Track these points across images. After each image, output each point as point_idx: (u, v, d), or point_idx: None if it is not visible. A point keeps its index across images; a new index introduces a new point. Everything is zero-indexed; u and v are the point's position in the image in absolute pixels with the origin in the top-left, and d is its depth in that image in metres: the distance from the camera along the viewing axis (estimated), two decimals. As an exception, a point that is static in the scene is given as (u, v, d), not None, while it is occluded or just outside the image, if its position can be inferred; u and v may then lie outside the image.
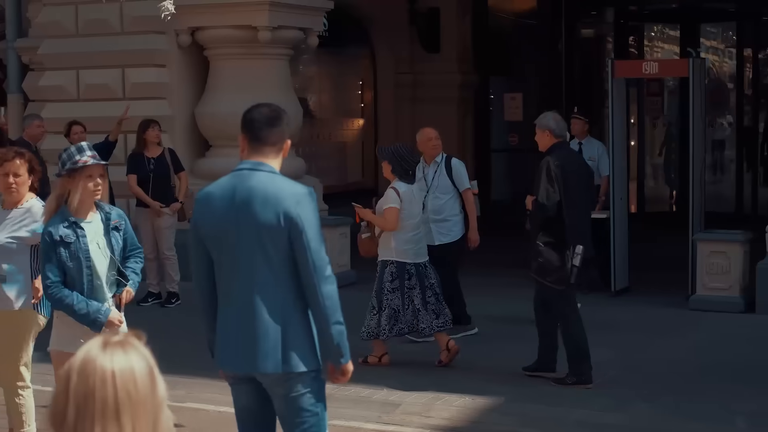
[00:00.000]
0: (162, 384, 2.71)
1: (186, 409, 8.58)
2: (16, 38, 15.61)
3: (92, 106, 14.63)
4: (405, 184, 9.75)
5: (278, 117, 5.20)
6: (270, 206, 4.96)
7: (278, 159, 5.16)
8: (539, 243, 9.05)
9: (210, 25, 14.39)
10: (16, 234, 7.07)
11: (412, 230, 9.77)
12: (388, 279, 9.76)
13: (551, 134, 9.15)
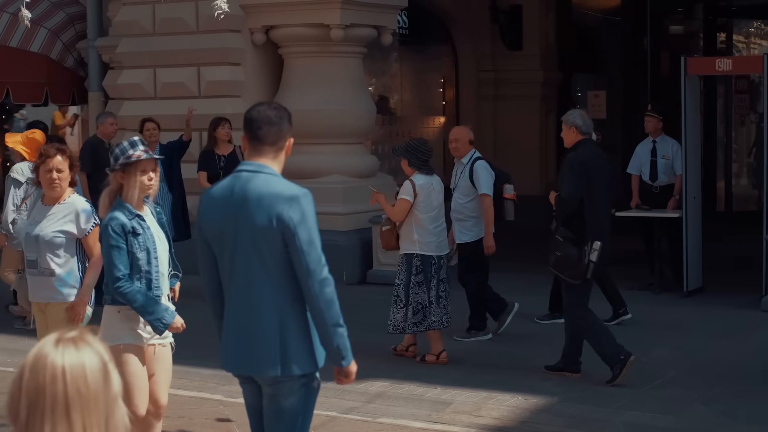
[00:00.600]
0: (117, 380, 2.69)
1: (238, 405, 8.57)
2: (97, 37, 15.84)
3: (168, 104, 14.80)
4: (424, 176, 9.79)
5: (278, 116, 5.12)
6: (264, 208, 4.93)
7: (278, 158, 5.11)
8: (558, 237, 9.15)
9: (283, 24, 14.50)
10: (63, 228, 7.17)
11: (432, 222, 9.81)
12: (412, 272, 9.80)
13: (577, 131, 9.25)
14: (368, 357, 10.15)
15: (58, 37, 16.13)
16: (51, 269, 7.19)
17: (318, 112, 14.39)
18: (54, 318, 7.25)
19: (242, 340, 5.07)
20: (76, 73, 16.35)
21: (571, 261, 9.06)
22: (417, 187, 9.71)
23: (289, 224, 4.88)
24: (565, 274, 9.17)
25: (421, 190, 9.72)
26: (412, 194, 9.69)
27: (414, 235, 9.79)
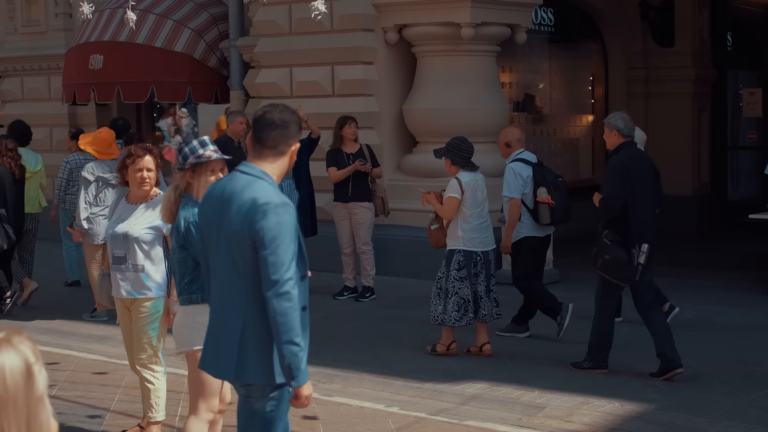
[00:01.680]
0: (42, 382, 2.72)
1: (330, 403, 8.70)
2: (239, 37, 16.14)
3: (304, 102, 14.92)
4: (468, 173, 10.03)
5: (283, 120, 5.03)
6: (240, 214, 4.87)
7: (277, 163, 5.02)
8: (606, 240, 9.19)
9: (415, 23, 14.51)
10: (153, 224, 7.33)
11: (477, 219, 10.02)
12: (455, 267, 9.98)
13: (619, 134, 9.31)
14: (471, 358, 10.15)
15: (201, 37, 16.50)
16: (140, 265, 7.35)
17: (449, 110, 14.37)
18: (139, 313, 7.43)
19: (210, 340, 5.10)
20: (219, 73, 16.68)
21: (621, 264, 9.12)
22: (463, 185, 9.94)
23: (259, 232, 4.79)
24: (615, 276, 9.20)
25: (467, 187, 9.95)
26: (459, 191, 9.92)
27: (458, 231, 10.00)
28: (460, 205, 9.97)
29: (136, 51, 16.34)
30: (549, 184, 10.74)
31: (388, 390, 9.13)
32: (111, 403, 8.68)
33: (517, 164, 10.81)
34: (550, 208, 10.71)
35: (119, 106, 18.14)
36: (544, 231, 10.95)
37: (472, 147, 10.19)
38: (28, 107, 18.96)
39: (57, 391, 8.99)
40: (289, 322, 4.74)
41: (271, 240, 4.76)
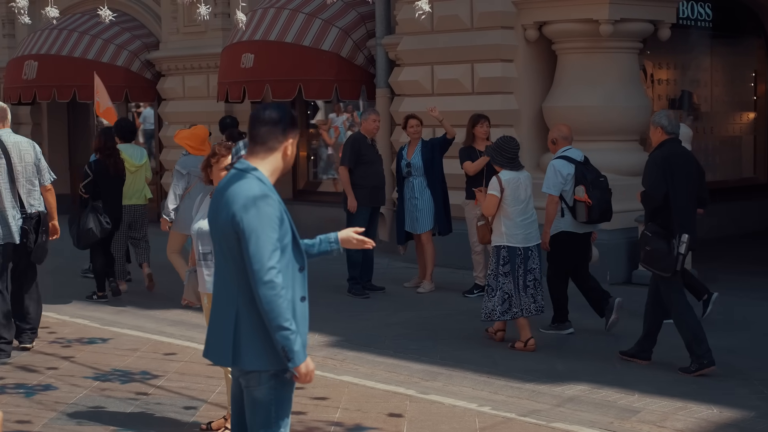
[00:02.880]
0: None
1: (423, 401, 8.73)
2: (384, 35, 16.27)
3: (444, 100, 15.01)
4: (510, 171, 10.35)
5: (273, 117, 5.18)
6: (227, 206, 5.08)
7: (269, 159, 5.18)
8: (647, 232, 9.57)
9: (555, 20, 14.37)
10: None
11: (519, 215, 10.33)
12: (499, 263, 10.36)
13: (663, 131, 9.64)
14: (583, 359, 10.03)
15: (348, 36, 16.70)
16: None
17: (588, 108, 14.20)
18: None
19: (210, 328, 5.31)
20: (366, 71, 16.86)
21: (661, 254, 9.43)
22: (503, 183, 10.26)
23: (240, 224, 5.00)
24: (656, 267, 9.52)
25: (508, 185, 10.26)
26: (498, 189, 10.26)
27: (502, 228, 10.35)
28: (501, 202, 10.27)
29: (285, 50, 16.65)
30: (588, 183, 10.86)
31: (487, 389, 9.11)
32: (210, 395, 8.90)
33: (559, 162, 11.00)
34: (587, 206, 10.84)
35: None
36: (583, 228, 11.06)
37: (516, 147, 10.48)
38: (188, 105, 19.54)
39: (164, 382, 9.27)
40: (275, 309, 4.95)
41: (251, 231, 4.98)
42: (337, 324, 11.70)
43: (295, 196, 18.95)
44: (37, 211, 10.38)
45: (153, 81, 20.34)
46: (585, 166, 11.02)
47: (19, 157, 10.29)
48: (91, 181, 12.86)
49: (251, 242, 4.98)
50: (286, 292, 5.00)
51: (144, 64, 20.24)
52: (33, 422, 8.06)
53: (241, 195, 5.05)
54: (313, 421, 8.13)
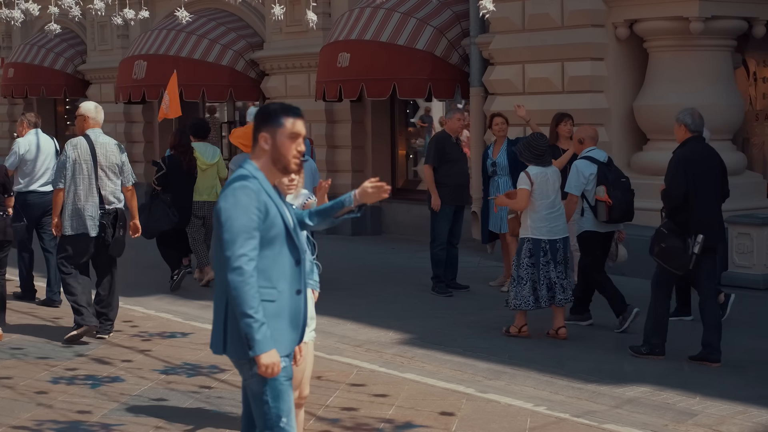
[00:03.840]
0: None
1: (479, 400, 8.75)
2: (479, 34, 16.27)
3: (535, 99, 14.97)
4: (537, 167, 10.70)
5: (258, 113, 5.43)
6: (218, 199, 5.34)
7: (256, 154, 5.39)
8: (663, 229, 9.75)
9: (646, 17, 14.22)
10: None
11: (545, 209, 10.68)
12: (526, 255, 10.72)
13: (686, 129, 9.88)
14: (652, 360, 9.92)
15: (443, 35, 16.75)
16: None
17: (679, 107, 13.94)
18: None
19: (213, 318, 5.44)
20: (461, 69, 16.89)
21: (677, 252, 9.63)
22: (532, 176, 10.62)
23: (218, 214, 5.24)
24: (669, 264, 9.72)
25: (536, 179, 10.63)
26: (528, 183, 10.61)
27: (528, 221, 10.72)
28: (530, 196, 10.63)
29: (380, 49, 16.78)
30: (610, 184, 11.03)
31: (548, 389, 9.09)
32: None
33: (582, 162, 11.25)
34: (607, 206, 11.02)
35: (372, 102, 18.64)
36: (605, 227, 11.25)
37: (544, 144, 10.81)
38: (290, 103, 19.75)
39: (229, 376, 9.44)
40: (241, 295, 5.11)
41: (225, 219, 5.18)
42: (413, 322, 11.76)
43: (393, 194, 19.03)
44: (115, 208, 10.86)
45: (257, 80, 20.64)
46: (608, 167, 11.21)
47: (105, 156, 10.86)
48: (163, 174, 13.42)
49: (225, 229, 5.16)
50: (254, 281, 5.13)
51: (248, 63, 20.56)
52: (93, 413, 8.30)
53: (228, 188, 5.28)
54: (364, 417, 8.21)
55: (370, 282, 14.37)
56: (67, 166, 10.77)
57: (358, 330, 11.52)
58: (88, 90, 25.10)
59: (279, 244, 5.28)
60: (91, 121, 11.07)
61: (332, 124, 19.31)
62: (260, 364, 5.15)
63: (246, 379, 5.37)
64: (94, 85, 24.88)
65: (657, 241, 9.76)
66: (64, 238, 10.87)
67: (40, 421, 8.05)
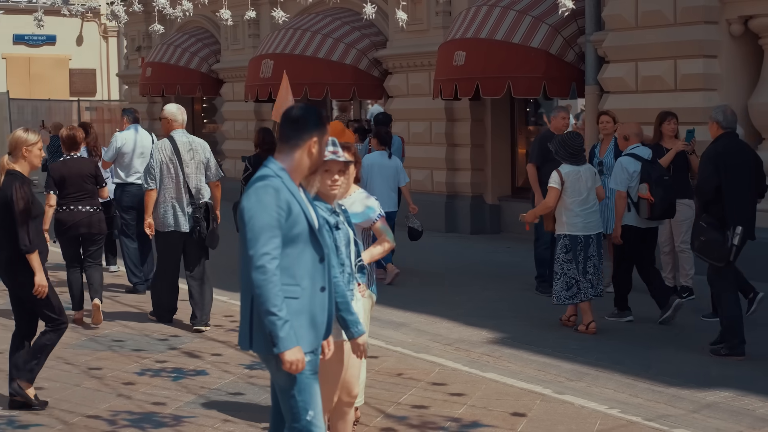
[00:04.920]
0: None
1: (554, 401, 8.69)
2: (594, 31, 16.11)
3: (647, 97, 14.77)
4: (570, 165, 10.99)
5: (297, 117, 5.44)
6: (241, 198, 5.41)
7: (291, 156, 5.41)
8: (702, 223, 10.01)
9: (761, 13, 13.90)
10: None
11: (579, 206, 10.95)
12: (562, 251, 11.04)
13: (718, 126, 10.14)
14: (738, 364, 9.73)
15: (558, 33, 16.62)
16: None
17: (795, 106, 13.68)
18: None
19: (240, 314, 5.52)
20: (576, 68, 16.73)
21: (716, 245, 9.87)
22: (563, 176, 10.91)
23: (241, 212, 5.30)
24: (710, 257, 9.98)
25: (567, 178, 10.91)
26: (558, 182, 10.91)
27: (563, 217, 11.01)
28: (561, 194, 10.90)
29: (495, 47, 16.73)
30: (652, 181, 11.25)
31: (628, 391, 8.99)
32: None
33: (626, 159, 11.51)
34: (649, 203, 11.28)
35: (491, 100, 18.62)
36: (647, 224, 11.48)
37: (579, 143, 11.09)
38: (411, 102, 19.88)
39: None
40: (264, 293, 5.18)
41: (248, 218, 5.25)
42: (509, 321, 11.75)
43: (513, 193, 19.01)
44: (205, 202, 11.32)
45: (380, 78, 20.79)
46: (651, 165, 11.40)
47: (190, 155, 11.32)
48: (250, 174, 13.49)
49: (248, 228, 5.24)
50: (277, 279, 5.20)
51: (371, 62, 20.71)
52: (168, 405, 8.51)
53: (251, 187, 5.33)
54: (432, 416, 8.24)
55: (476, 280, 14.36)
56: (154, 167, 11.28)
57: (452, 328, 11.54)
58: (221, 89, 25.63)
59: (302, 242, 5.36)
60: (174, 123, 11.58)
61: (452, 123, 19.33)
62: (284, 360, 5.24)
63: (273, 374, 5.47)
64: (227, 83, 25.38)
65: (697, 235, 10.05)
66: (158, 235, 11.44)
67: (115, 412, 8.30)
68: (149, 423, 8.02)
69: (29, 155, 8.39)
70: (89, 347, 10.59)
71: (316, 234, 5.40)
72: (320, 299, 5.42)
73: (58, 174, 11.43)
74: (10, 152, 8.43)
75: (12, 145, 8.41)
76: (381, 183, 13.93)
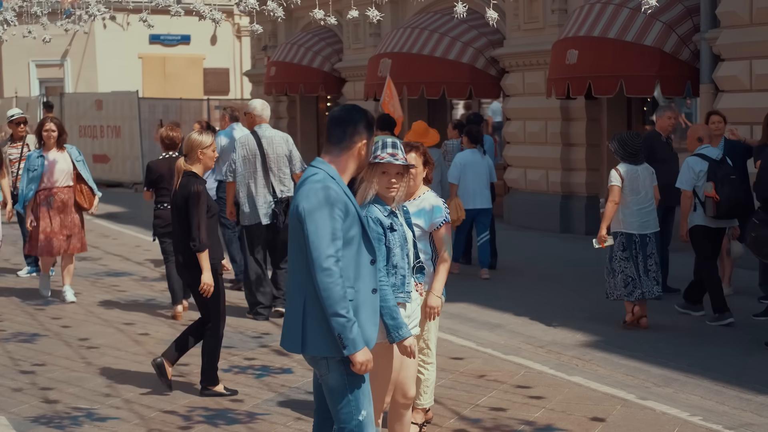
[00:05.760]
0: None
1: (636, 406, 8.55)
2: (709, 29, 15.74)
3: (763, 96, 14.39)
4: (628, 165, 11.19)
5: (348, 118, 5.47)
6: (295, 200, 5.41)
7: (341, 157, 5.45)
8: (755, 220, 10.23)
9: None
10: (415, 222, 7.59)
11: (636, 205, 11.15)
12: (619, 248, 11.22)
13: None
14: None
15: (673, 30, 16.29)
16: None
17: None
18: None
19: (286, 316, 5.54)
20: (692, 66, 16.36)
21: (765, 241, 10.06)
22: (622, 173, 11.12)
23: (301, 213, 5.29)
24: (761, 253, 10.25)
25: (626, 176, 11.12)
26: (619, 179, 11.11)
27: (619, 215, 11.19)
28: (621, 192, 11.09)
29: (607, 45, 16.47)
30: (718, 181, 11.32)
31: (715, 399, 8.77)
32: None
33: (693, 159, 11.62)
34: (714, 202, 11.35)
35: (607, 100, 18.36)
36: (716, 223, 11.54)
37: (638, 143, 11.26)
38: (527, 101, 19.72)
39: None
40: (331, 295, 5.20)
41: (310, 219, 5.25)
42: (608, 324, 11.58)
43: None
44: (287, 196, 11.70)
45: (497, 77, 20.66)
46: (718, 164, 11.47)
47: (272, 149, 11.72)
48: None
49: (310, 231, 5.23)
50: (342, 281, 5.22)
51: (488, 60, 20.59)
52: (245, 402, 8.61)
53: (305, 185, 5.36)
54: (506, 419, 8.17)
55: (584, 282, 14.06)
56: (236, 161, 11.73)
57: (547, 330, 11.42)
58: (343, 87, 25.78)
59: (357, 243, 5.38)
60: (257, 118, 11.96)
61: (567, 122, 19.11)
62: (355, 361, 5.28)
63: (322, 375, 5.46)
64: (349, 82, 25.51)
65: (749, 231, 10.29)
66: (244, 229, 11.98)
67: (192, 408, 8.43)
68: (223, 419, 8.12)
69: (204, 157, 8.96)
70: (183, 343, 10.76)
71: (369, 236, 5.44)
72: (373, 300, 5.46)
73: (156, 172, 11.74)
74: (186, 154, 8.99)
75: (188, 147, 8.98)
76: (474, 180, 14.40)
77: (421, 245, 7.57)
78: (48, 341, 10.87)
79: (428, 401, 7.88)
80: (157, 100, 31.49)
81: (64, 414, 8.27)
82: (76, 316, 12.13)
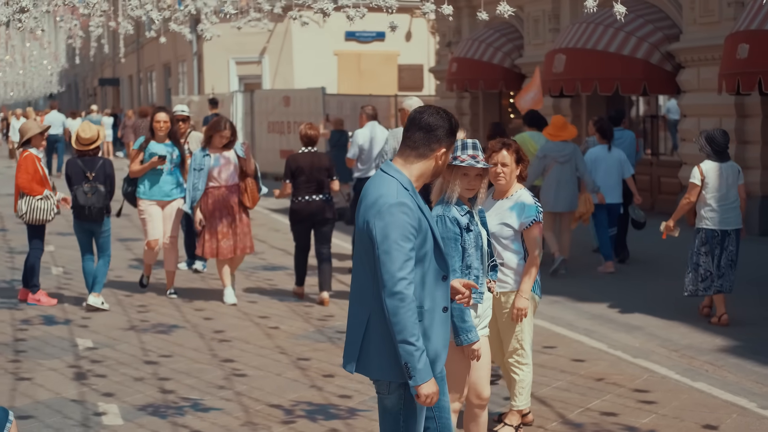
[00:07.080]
0: None
1: (753, 416, 8.24)
2: None
3: None
4: (712, 162, 11.30)
5: (429, 124, 5.12)
6: (364, 212, 5.04)
7: (417, 164, 5.12)
8: None
9: None
10: (506, 220, 7.48)
11: (717, 201, 11.28)
12: (699, 244, 11.39)
13: None
14: None
15: None
16: (500, 261, 7.46)
17: None
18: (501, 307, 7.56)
19: (347, 336, 5.23)
20: None
21: None
22: (703, 172, 11.26)
23: (372, 231, 4.95)
24: None
25: (707, 173, 11.28)
26: (698, 177, 11.26)
27: (701, 212, 11.38)
28: (701, 189, 11.26)
29: (779, 39, 15.83)
30: None
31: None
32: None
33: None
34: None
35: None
36: None
37: (726, 141, 11.30)
38: (701, 97, 19.15)
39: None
40: (401, 321, 4.86)
41: (382, 239, 4.91)
42: (749, 329, 11.18)
43: None
44: None
45: (673, 73, 20.12)
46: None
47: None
48: None
49: (383, 251, 4.89)
50: (414, 305, 4.90)
51: (664, 55, 20.08)
52: (353, 398, 8.63)
53: (378, 201, 4.99)
54: (610, 424, 7.97)
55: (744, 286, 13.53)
56: (387, 152, 11.93)
57: (687, 334, 11.09)
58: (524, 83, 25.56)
59: (428, 260, 5.05)
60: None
61: (742, 119, 18.48)
62: (420, 393, 4.93)
63: (381, 393, 5.18)
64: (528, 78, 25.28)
65: None
66: None
67: (296, 402, 8.49)
68: (322, 414, 8.16)
69: None
70: (311, 338, 10.87)
71: (441, 251, 5.10)
72: (442, 319, 5.11)
73: (295, 165, 12.06)
74: None
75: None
76: (604, 175, 14.69)
77: (513, 246, 7.48)
78: (183, 333, 11.13)
79: (523, 403, 7.74)
80: (345, 96, 31.81)
81: (171, 404, 8.46)
82: (219, 309, 12.39)
